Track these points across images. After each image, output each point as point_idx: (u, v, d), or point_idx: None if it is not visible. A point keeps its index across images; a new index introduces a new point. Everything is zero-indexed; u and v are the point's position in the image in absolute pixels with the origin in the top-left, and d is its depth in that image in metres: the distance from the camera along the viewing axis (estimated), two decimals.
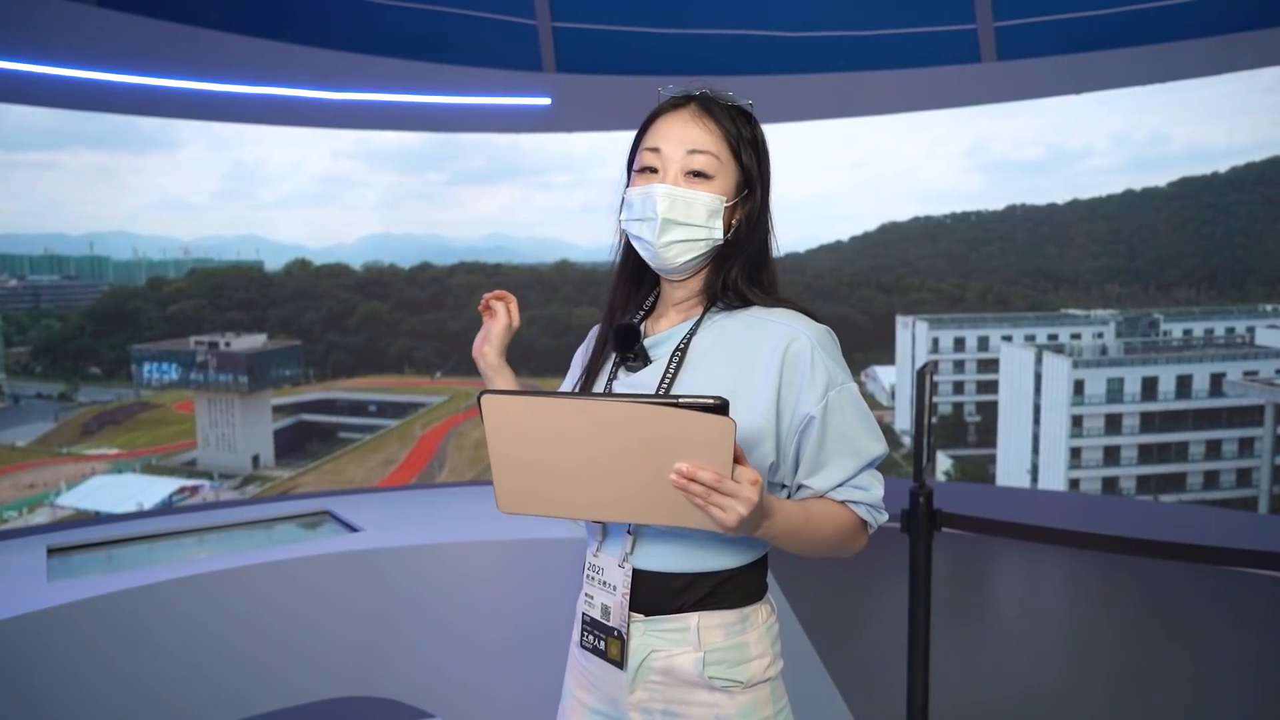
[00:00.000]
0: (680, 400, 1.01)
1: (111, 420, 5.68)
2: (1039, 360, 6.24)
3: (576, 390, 1.41)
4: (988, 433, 6.46)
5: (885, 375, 6.82)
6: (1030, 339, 6.29)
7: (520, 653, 2.79)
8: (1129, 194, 5.78)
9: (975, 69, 5.80)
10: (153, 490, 5.71)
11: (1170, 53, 5.17)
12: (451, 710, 2.75)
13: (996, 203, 6.30)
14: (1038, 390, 6.27)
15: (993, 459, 6.40)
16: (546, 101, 5.95)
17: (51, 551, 2.71)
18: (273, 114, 5.45)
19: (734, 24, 6.18)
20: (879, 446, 1.28)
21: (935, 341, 6.56)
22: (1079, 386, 6.11)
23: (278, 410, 6.28)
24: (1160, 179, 5.67)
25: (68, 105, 4.84)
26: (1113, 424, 6.04)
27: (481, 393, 1.06)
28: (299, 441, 6.40)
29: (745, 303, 1.32)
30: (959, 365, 6.56)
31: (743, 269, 1.32)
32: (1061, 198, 6.02)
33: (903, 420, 6.80)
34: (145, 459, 5.75)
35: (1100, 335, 6.06)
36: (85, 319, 5.58)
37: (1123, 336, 6.01)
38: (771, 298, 1.33)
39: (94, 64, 4.72)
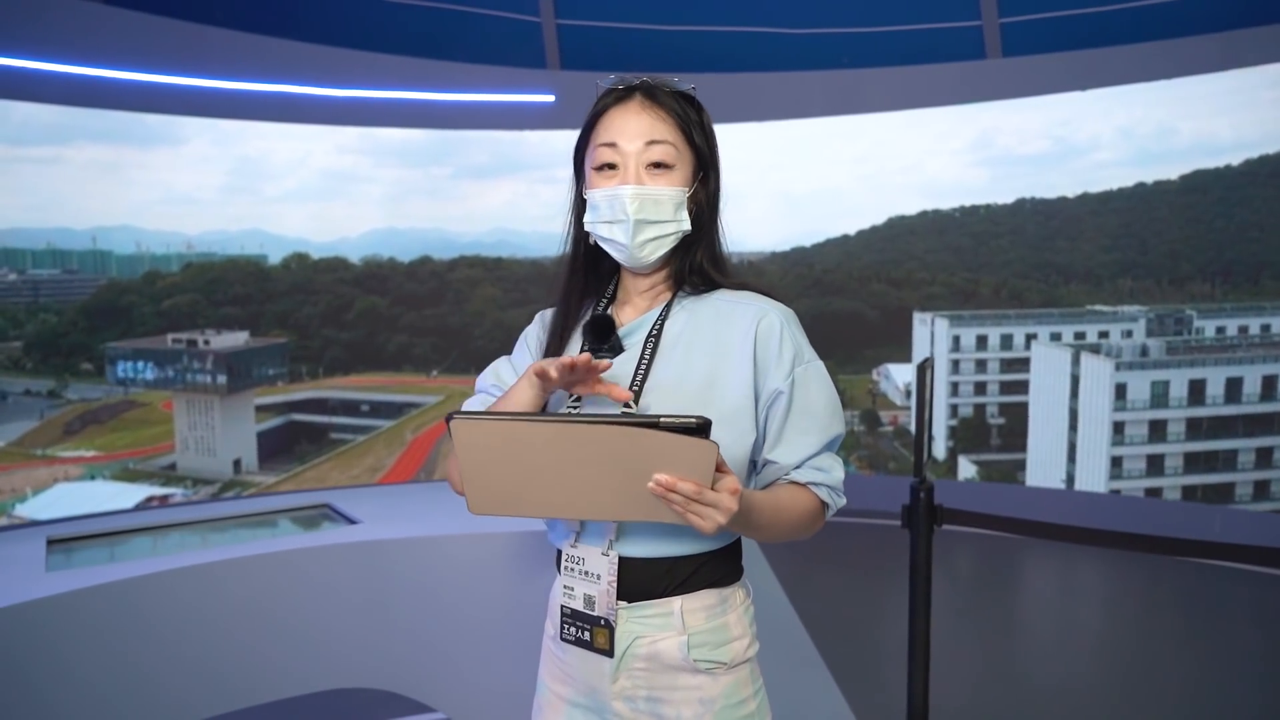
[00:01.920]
0: (661, 421, 1.01)
1: (95, 419, 5.59)
2: (1076, 361, 6.12)
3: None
4: (1013, 436, 6.36)
5: (899, 373, 6.79)
6: (1056, 337, 6.20)
7: (520, 645, 2.87)
8: (1140, 187, 5.82)
9: (980, 65, 5.89)
10: (118, 500, 5.49)
11: (1174, 49, 5.26)
12: (452, 704, 2.84)
13: (1002, 197, 6.32)
14: (1074, 393, 6.14)
15: (1021, 465, 6.31)
16: (550, 99, 6.07)
17: (51, 543, 2.82)
18: (277, 111, 5.56)
19: (738, 20, 6.28)
20: (840, 426, 1.34)
21: (956, 339, 6.51)
22: (1120, 390, 5.96)
23: (267, 409, 6.21)
24: (1168, 172, 5.70)
25: (73, 102, 4.93)
26: (1156, 430, 5.89)
27: (450, 415, 1.06)
28: (289, 442, 6.32)
29: (710, 285, 1.37)
30: (981, 364, 6.49)
31: (706, 253, 1.38)
32: (1069, 191, 6.05)
33: None
34: (123, 462, 5.63)
35: (1129, 333, 5.98)
36: (79, 314, 5.59)
37: (1154, 335, 5.90)
38: (733, 280, 1.38)
39: (99, 61, 4.82)
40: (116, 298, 5.66)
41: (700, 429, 1.01)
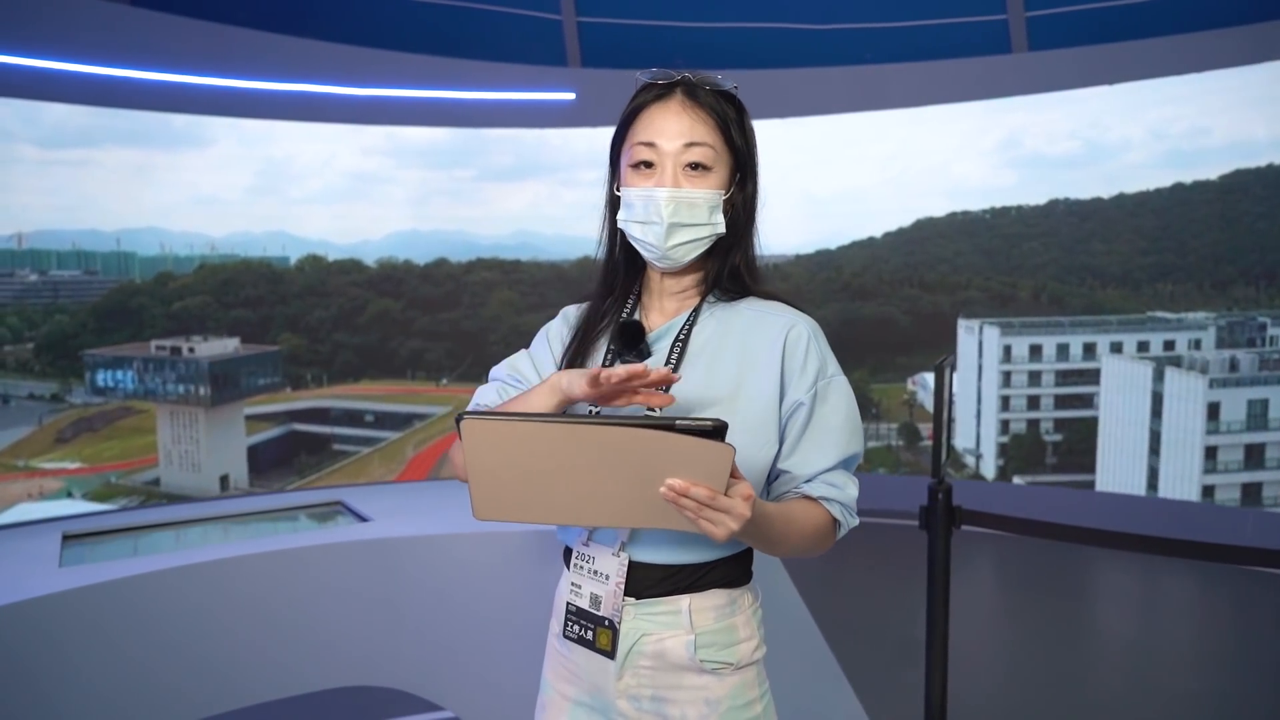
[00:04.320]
0: (677, 424, 1.02)
1: (89, 427, 5.58)
2: (1159, 377, 5.87)
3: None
4: (1072, 454, 6.23)
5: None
6: (1117, 347, 6.06)
7: (530, 645, 2.96)
8: (1178, 187, 5.84)
9: (1006, 60, 6.00)
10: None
11: (1205, 42, 5.34)
12: (461, 702, 2.95)
13: (1030, 198, 6.34)
14: (1155, 413, 5.86)
15: (1088, 488, 6.15)
16: (571, 96, 6.26)
17: (66, 538, 2.96)
18: (300, 110, 5.80)
19: (759, 17, 6.45)
20: (858, 444, 1.37)
21: (1007, 349, 6.42)
22: (1213, 410, 5.64)
23: (267, 419, 6.23)
24: (1203, 173, 5.72)
25: (100, 103, 5.19)
26: (1253, 456, 5.56)
27: (459, 415, 1.08)
28: (289, 453, 6.34)
29: (742, 290, 1.41)
30: (1034, 376, 6.41)
31: (742, 257, 1.42)
32: (1099, 192, 6.07)
33: (965, 435, 6.61)
34: (105, 476, 5.59)
35: (1198, 343, 5.80)
36: (89, 316, 5.71)
37: (1224, 345, 5.70)
38: (763, 288, 1.43)
39: (126, 62, 5.08)
40: (127, 299, 5.78)
41: (716, 431, 1.02)
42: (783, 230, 6.91)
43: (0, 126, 5.02)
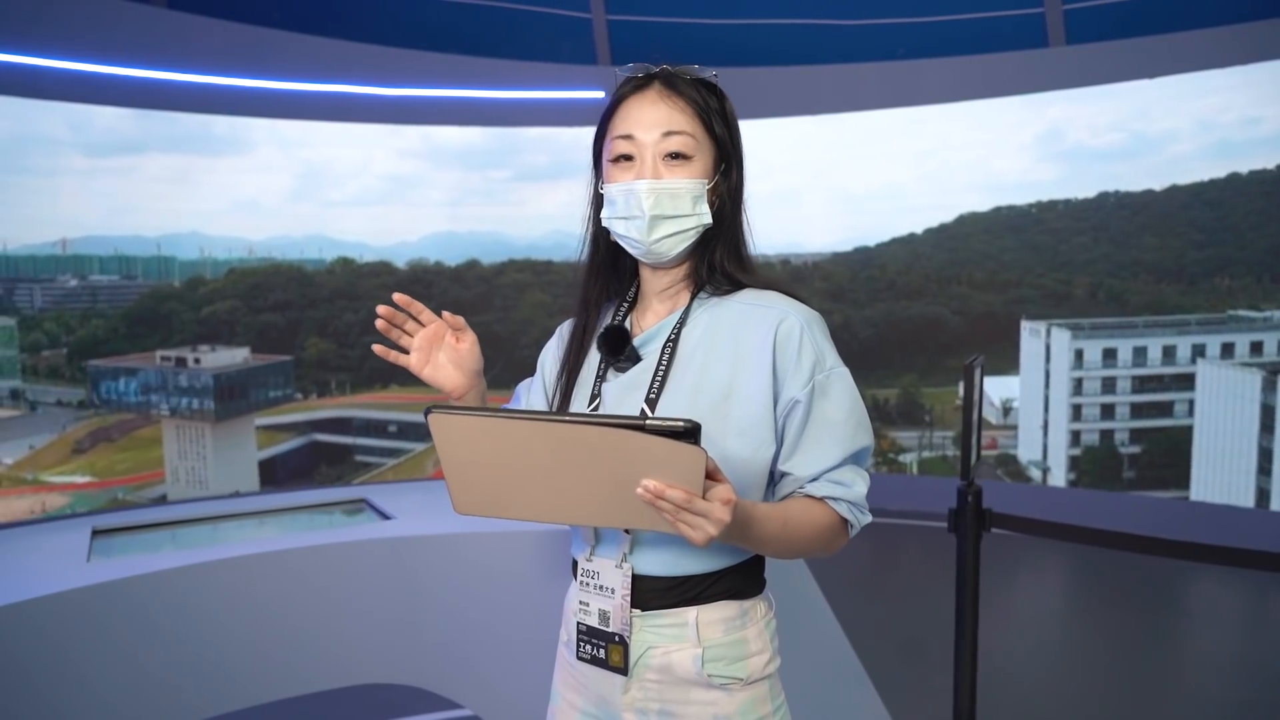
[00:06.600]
0: (648, 424, 1.02)
1: (106, 437, 5.61)
2: (1270, 387, 5.57)
3: (556, 393, 1.51)
4: (1153, 468, 6.04)
5: (996, 387, 6.62)
6: (1199, 349, 5.84)
7: (551, 646, 3.04)
8: (1233, 178, 5.79)
9: (1043, 54, 6.05)
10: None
11: (1247, 34, 5.33)
12: (480, 701, 3.05)
13: (1075, 192, 6.31)
14: (1265, 426, 5.54)
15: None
16: (601, 95, 6.42)
17: (96, 532, 3.12)
18: (334, 110, 6.05)
19: (791, 13, 6.56)
20: (865, 438, 1.35)
21: (1079, 354, 6.27)
22: None
23: (288, 428, 6.30)
24: (1257, 163, 5.67)
25: (137, 105, 5.46)
26: None
27: (428, 409, 1.10)
28: (310, 464, 6.39)
29: (733, 284, 1.40)
30: (1108, 383, 6.24)
31: (727, 249, 1.40)
32: (1147, 184, 6.04)
33: (1030, 447, 6.45)
34: (113, 491, 5.60)
35: None
36: (121, 321, 5.88)
37: None
38: (758, 279, 1.41)
39: (162, 64, 5.35)
40: (158, 305, 5.95)
41: (688, 433, 1.01)
42: (819, 227, 6.96)
43: (50, 135, 5.29)
